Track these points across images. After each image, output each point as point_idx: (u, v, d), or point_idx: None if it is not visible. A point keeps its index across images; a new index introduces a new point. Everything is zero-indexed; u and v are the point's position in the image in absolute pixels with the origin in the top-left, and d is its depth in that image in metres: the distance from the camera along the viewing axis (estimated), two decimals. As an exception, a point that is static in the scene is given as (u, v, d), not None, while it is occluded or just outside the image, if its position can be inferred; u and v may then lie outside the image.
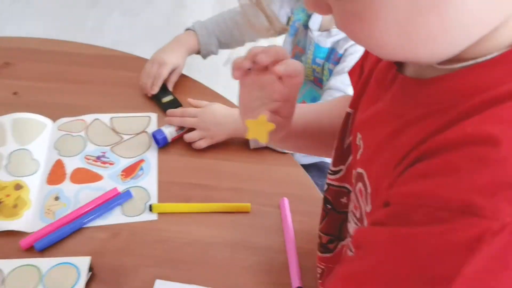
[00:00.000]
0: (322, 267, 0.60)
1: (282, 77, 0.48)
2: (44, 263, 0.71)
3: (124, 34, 2.15)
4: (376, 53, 0.39)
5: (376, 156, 0.41)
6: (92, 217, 0.77)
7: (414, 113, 0.37)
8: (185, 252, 0.74)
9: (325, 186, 0.58)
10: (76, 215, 0.77)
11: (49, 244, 0.73)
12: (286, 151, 0.88)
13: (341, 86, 0.87)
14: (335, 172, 0.56)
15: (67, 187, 0.82)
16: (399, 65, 0.42)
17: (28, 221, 0.77)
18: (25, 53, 1.12)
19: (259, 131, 0.47)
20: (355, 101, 0.51)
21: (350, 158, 0.53)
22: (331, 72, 0.94)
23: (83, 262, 0.70)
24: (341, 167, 0.55)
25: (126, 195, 0.80)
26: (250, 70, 0.50)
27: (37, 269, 0.70)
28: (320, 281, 0.62)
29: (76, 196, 0.81)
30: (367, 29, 0.33)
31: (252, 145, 0.88)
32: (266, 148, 0.89)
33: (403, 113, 0.38)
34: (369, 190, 0.42)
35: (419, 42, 0.32)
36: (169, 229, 0.78)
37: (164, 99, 0.97)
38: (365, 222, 0.45)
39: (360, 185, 0.44)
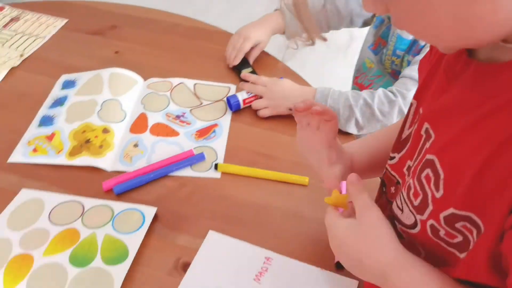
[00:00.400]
0: None
1: (320, 124, 0.58)
2: (118, 205, 0.79)
3: (225, 17, 2.26)
4: (436, 45, 0.41)
5: (453, 145, 0.42)
6: (166, 170, 0.84)
7: (498, 98, 0.37)
8: (240, 211, 0.79)
9: (384, 170, 0.59)
10: (153, 168, 0.85)
11: (126, 189, 0.82)
12: (351, 133, 0.90)
13: (415, 75, 0.86)
14: (391, 158, 0.57)
15: (146, 137, 0.90)
16: (470, 52, 0.43)
17: (109, 161, 0.87)
18: (131, 19, 1.25)
19: (338, 203, 0.56)
20: (420, 92, 0.52)
21: (406, 148, 0.53)
22: (409, 64, 0.93)
23: (149, 211, 0.78)
24: (395, 155, 0.56)
25: (199, 157, 0.86)
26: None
27: (111, 210, 0.78)
28: None
29: (153, 146, 0.89)
30: (423, 22, 0.35)
31: None
32: None
33: (483, 99, 0.39)
34: (442, 176, 0.43)
35: (475, 24, 0.34)
36: (229, 188, 0.83)
37: (243, 71, 1.03)
38: (430, 208, 0.45)
39: (427, 171, 0.45)
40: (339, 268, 0.71)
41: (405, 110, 0.85)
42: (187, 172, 0.85)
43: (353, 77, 1.12)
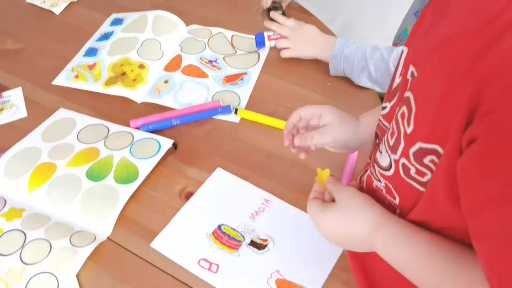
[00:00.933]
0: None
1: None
2: (139, 134, 0.84)
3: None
4: None
5: (425, 78, 0.42)
6: (192, 117, 0.87)
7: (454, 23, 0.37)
8: (251, 155, 0.82)
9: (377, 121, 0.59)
10: (181, 113, 0.88)
11: (152, 130, 0.85)
12: (364, 86, 0.91)
13: None
14: (383, 108, 0.56)
15: (177, 76, 0.95)
16: None
17: (140, 93, 0.92)
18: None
19: (321, 179, 0.64)
20: (410, 38, 0.50)
21: (396, 97, 0.53)
22: None
23: (166, 143, 0.82)
24: (387, 104, 0.55)
25: (226, 109, 0.88)
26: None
27: (131, 136, 0.84)
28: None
29: (181, 84, 0.93)
30: None
31: (331, 72, 0.93)
32: (348, 82, 0.92)
33: (442, 30, 0.38)
34: (413, 110, 0.42)
35: None
36: (245, 133, 0.85)
37: (274, 11, 1.05)
38: (402, 145, 0.45)
39: (404, 108, 0.45)
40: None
41: None
42: (208, 113, 0.88)
43: (392, 43, 1.09)
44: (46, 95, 0.94)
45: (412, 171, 0.44)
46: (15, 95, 0.94)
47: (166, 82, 0.93)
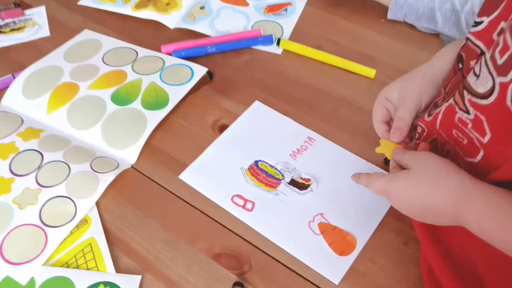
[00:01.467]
0: (423, 126, 0.53)
1: None
2: (170, 59, 0.76)
3: None
4: None
5: None
6: (229, 46, 0.79)
7: None
8: (293, 89, 0.73)
9: (464, 41, 0.49)
10: (217, 40, 0.79)
11: (185, 57, 0.77)
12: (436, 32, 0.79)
13: None
14: (476, 24, 0.46)
15: (215, 1, 0.86)
16: None
17: (173, 19, 0.83)
18: None
19: (388, 149, 0.54)
20: None
21: (500, 9, 0.43)
22: None
23: (200, 70, 0.73)
24: (484, 18, 0.45)
25: (267, 39, 0.79)
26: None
27: (162, 61, 0.75)
28: (417, 141, 0.55)
29: (219, 11, 0.84)
30: None
31: (389, 15, 0.82)
32: (406, 25, 0.82)
33: None
34: None
35: None
36: (288, 65, 0.77)
37: None
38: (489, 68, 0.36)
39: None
40: (387, 163, 0.63)
41: None
42: (247, 43, 0.79)
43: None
44: (70, 15, 0.86)
45: None
46: (38, 14, 0.87)
47: (202, 8, 0.84)
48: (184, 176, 0.63)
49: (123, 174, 0.63)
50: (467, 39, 0.47)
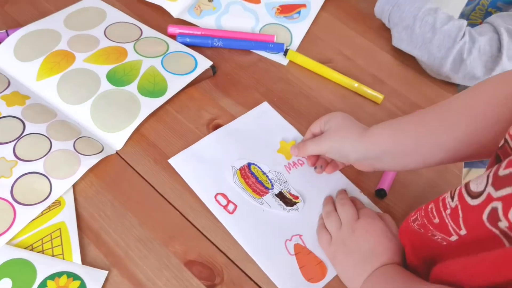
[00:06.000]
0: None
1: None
2: (175, 45, 0.72)
3: None
4: None
5: None
6: (237, 43, 0.75)
7: None
8: (296, 101, 0.70)
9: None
10: (224, 35, 0.76)
11: (189, 43, 0.73)
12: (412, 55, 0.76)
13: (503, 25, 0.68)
14: None
15: (224, -5, 0.82)
16: None
17: (178, 7, 0.79)
18: None
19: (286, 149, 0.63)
20: None
21: None
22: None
23: (204, 62, 0.70)
24: None
25: (277, 47, 0.75)
26: None
27: (166, 45, 0.72)
28: None
29: (228, 6, 0.80)
30: None
31: (376, 11, 0.79)
32: None
33: None
34: None
35: None
36: (295, 75, 0.74)
37: None
38: None
39: None
40: (378, 196, 0.61)
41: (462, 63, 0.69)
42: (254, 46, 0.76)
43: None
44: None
45: (503, 225, 0.32)
46: (44, -31, 0.82)
47: (210, 0, 0.80)
48: (174, 160, 0.60)
49: (106, 158, 0.60)
50: (505, 141, 0.41)
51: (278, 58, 0.75)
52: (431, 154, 0.49)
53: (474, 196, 0.36)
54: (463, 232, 0.38)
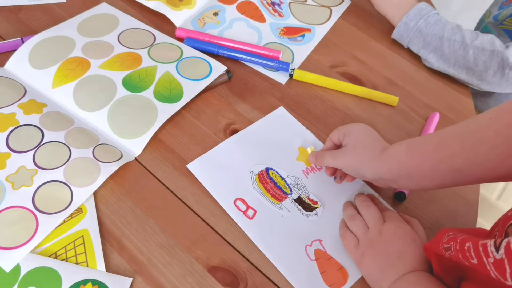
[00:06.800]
0: None
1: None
2: (189, 50, 0.72)
3: None
4: None
5: None
6: (240, 55, 0.74)
7: None
8: (312, 104, 0.70)
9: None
10: (232, 44, 0.75)
11: (196, 47, 0.73)
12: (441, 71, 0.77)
13: None
14: None
15: (231, 10, 0.81)
16: None
17: (182, 17, 0.79)
18: None
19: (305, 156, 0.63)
20: None
21: None
22: None
23: (219, 67, 0.70)
24: None
25: (283, 65, 0.73)
26: None
27: (180, 51, 0.72)
28: None
29: (232, 21, 0.80)
30: None
31: (394, 34, 0.79)
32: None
33: None
34: None
35: None
36: (302, 90, 0.74)
37: None
38: None
39: None
40: (397, 199, 0.61)
41: (507, 69, 0.70)
42: (258, 67, 0.75)
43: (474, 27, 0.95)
44: (89, -15, 0.82)
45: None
46: (54, -24, 0.82)
47: (215, 14, 0.80)
48: (192, 166, 0.60)
49: (125, 165, 0.60)
50: None
51: (280, 78, 0.73)
52: (450, 178, 0.49)
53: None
54: (509, 283, 0.35)
